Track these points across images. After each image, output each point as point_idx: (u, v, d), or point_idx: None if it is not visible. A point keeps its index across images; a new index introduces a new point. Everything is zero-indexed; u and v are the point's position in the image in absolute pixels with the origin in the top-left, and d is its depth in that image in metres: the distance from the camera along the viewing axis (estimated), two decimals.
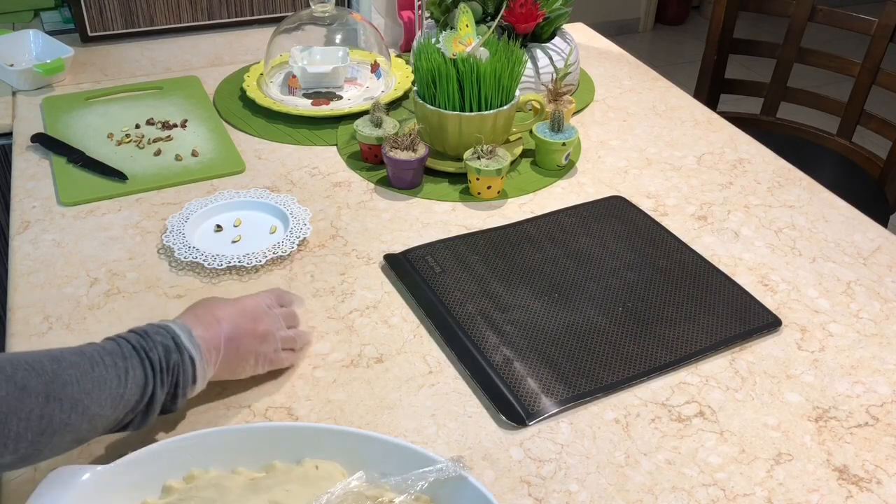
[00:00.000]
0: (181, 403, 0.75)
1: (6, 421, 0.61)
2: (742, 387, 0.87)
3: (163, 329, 0.74)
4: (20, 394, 0.62)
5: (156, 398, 0.71)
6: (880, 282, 1.02)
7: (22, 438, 0.62)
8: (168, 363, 0.72)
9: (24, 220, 1.09)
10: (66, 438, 0.66)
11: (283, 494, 0.70)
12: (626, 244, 1.07)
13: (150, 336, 0.73)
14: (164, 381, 0.72)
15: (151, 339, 0.72)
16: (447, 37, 1.15)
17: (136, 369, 0.70)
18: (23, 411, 0.62)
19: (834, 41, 2.52)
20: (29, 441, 0.62)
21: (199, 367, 0.75)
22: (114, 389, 0.68)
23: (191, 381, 0.74)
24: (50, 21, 1.64)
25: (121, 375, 0.69)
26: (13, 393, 0.62)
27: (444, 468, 0.69)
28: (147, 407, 0.71)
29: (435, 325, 0.93)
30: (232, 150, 1.26)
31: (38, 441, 0.63)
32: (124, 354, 0.70)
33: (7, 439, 0.61)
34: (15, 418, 0.61)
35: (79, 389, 0.66)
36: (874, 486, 0.76)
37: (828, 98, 1.81)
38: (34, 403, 0.62)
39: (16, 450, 0.62)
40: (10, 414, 0.61)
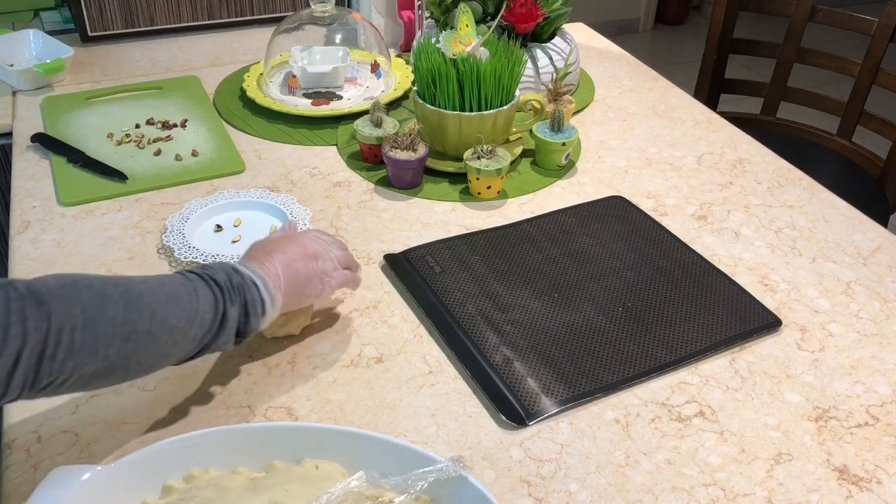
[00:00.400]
0: (255, 324, 0.76)
1: (93, 323, 0.63)
2: (742, 387, 0.87)
3: (220, 263, 0.77)
4: (101, 300, 0.64)
5: (228, 315, 0.73)
6: (880, 282, 1.02)
7: (110, 343, 0.64)
8: (232, 283, 0.75)
9: (24, 220, 1.09)
10: (150, 351, 0.68)
11: (283, 494, 0.70)
12: (626, 244, 1.07)
13: (209, 266, 0.76)
14: (233, 299, 0.74)
15: (211, 268, 0.76)
16: (447, 37, 1.15)
17: (203, 289, 0.72)
18: (107, 315, 0.64)
19: (834, 41, 2.52)
20: (117, 348, 0.65)
21: (263, 289, 0.77)
22: (187, 304, 0.70)
23: (259, 301, 0.76)
24: (50, 21, 1.64)
25: (190, 293, 0.71)
26: (94, 299, 0.64)
27: (444, 468, 0.69)
28: (221, 325, 0.73)
29: (435, 325, 0.93)
30: (232, 150, 1.26)
31: (125, 348, 0.65)
32: (188, 278, 0.73)
33: (97, 343, 0.63)
34: (101, 321, 0.63)
35: (154, 300, 0.68)
36: (874, 486, 0.76)
37: (828, 98, 1.81)
38: (116, 309, 0.65)
39: (106, 356, 0.64)
40: (97, 317, 0.63)
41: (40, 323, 0.60)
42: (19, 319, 0.59)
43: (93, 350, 0.63)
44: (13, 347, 0.58)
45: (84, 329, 0.62)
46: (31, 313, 0.60)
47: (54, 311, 0.61)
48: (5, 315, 0.59)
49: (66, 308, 0.62)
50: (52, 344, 0.61)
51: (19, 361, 0.59)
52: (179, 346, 0.71)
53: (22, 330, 0.59)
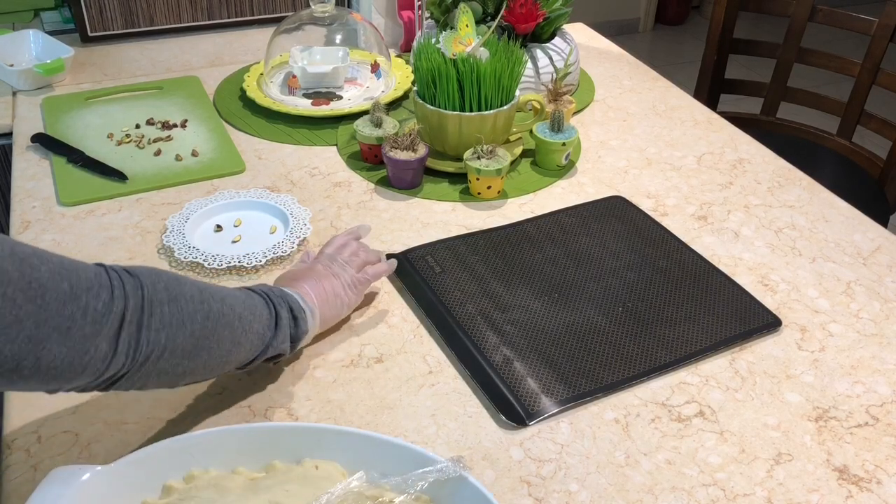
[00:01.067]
0: (304, 328, 0.81)
1: (176, 299, 0.67)
2: (742, 387, 0.87)
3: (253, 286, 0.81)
4: (178, 282, 0.69)
5: (281, 316, 0.78)
6: (880, 282, 1.02)
7: (193, 319, 0.68)
8: (275, 293, 0.79)
9: (24, 220, 1.09)
10: (226, 335, 0.71)
11: (283, 494, 0.70)
12: (626, 244, 1.07)
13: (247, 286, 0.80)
14: (281, 304, 0.78)
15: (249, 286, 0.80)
16: (447, 37, 1.15)
17: (253, 297, 0.76)
18: (186, 294, 0.68)
19: (834, 41, 2.52)
20: (200, 324, 0.68)
21: (302, 301, 0.82)
22: (245, 300, 0.75)
23: (302, 310, 0.81)
24: (50, 21, 1.64)
25: (244, 294, 0.76)
26: (172, 279, 0.68)
27: (444, 468, 0.69)
28: (276, 324, 0.77)
29: (435, 325, 0.93)
30: (232, 150, 1.26)
31: (206, 326, 0.69)
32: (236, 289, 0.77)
33: (182, 316, 0.67)
34: (182, 298, 0.67)
35: (219, 290, 0.73)
36: (874, 486, 0.76)
37: (828, 98, 1.81)
38: (192, 290, 0.69)
39: (192, 331, 0.67)
40: (178, 294, 0.67)
41: (136, 290, 0.64)
42: (120, 284, 0.63)
43: (180, 323, 0.66)
44: (118, 308, 0.62)
45: (170, 303, 0.66)
46: (128, 281, 0.64)
47: (145, 284, 0.65)
48: (108, 279, 0.62)
49: (153, 282, 0.66)
50: (147, 312, 0.64)
51: (123, 324, 0.62)
52: (248, 336, 0.73)
53: (123, 293, 0.63)
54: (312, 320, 0.83)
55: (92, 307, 0.60)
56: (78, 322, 0.59)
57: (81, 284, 0.60)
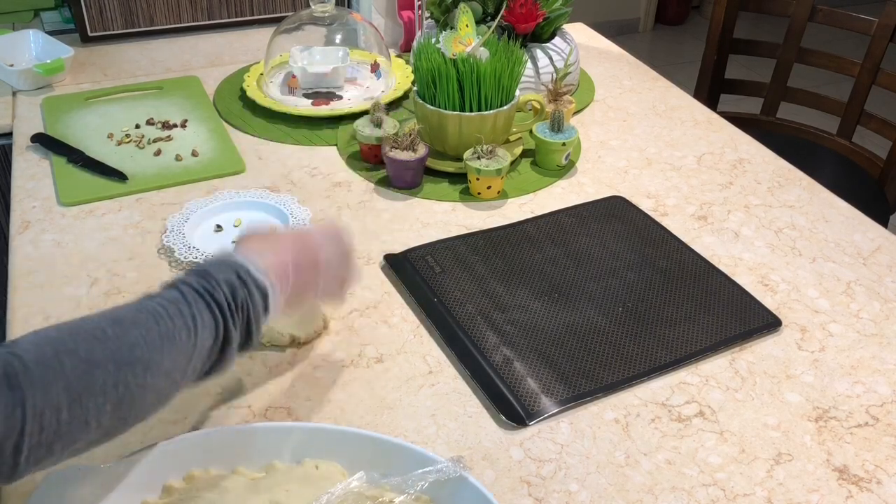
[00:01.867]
0: (258, 337, 0.70)
1: (80, 399, 0.57)
2: (742, 387, 0.87)
3: (223, 264, 0.69)
4: (88, 367, 0.58)
5: (231, 337, 0.67)
6: (880, 282, 1.02)
7: (102, 411, 0.58)
8: (236, 301, 0.68)
9: (24, 220, 1.09)
10: (147, 401, 0.62)
11: (283, 494, 0.70)
12: (626, 244, 1.07)
13: (212, 275, 0.68)
14: (236, 321, 0.68)
15: (214, 279, 0.67)
16: (447, 37, 1.15)
17: (204, 313, 0.66)
18: (96, 385, 0.58)
19: (834, 41, 2.52)
20: (109, 413, 0.59)
21: (271, 297, 0.70)
22: (184, 341, 0.64)
23: (262, 314, 0.70)
24: (50, 21, 1.64)
25: (189, 325, 0.64)
26: (80, 367, 0.58)
27: (444, 468, 0.69)
28: (222, 349, 0.67)
29: (435, 325, 0.93)
30: (232, 150, 1.26)
31: (119, 410, 0.60)
32: (188, 300, 0.65)
33: (88, 416, 0.58)
34: (88, 395, 0.58)
35: (148, 349, 0.61)
36: (874, 486, 0.76)
37: (828, 98, 1.81)
38: (105, 374, 0.59)
39: (99, 425, 0.59)
40: (83, 391, 0.57)
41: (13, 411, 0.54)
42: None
43: (83, 424, 0.58)
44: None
45: (71, 406, 0.56)
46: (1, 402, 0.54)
47: (29, 397, 0.55)
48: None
49: (45, 389, 0.55)
50: (30, 431, 0.55)
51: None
52: (178, 383, 0.65)
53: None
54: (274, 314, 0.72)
55: None
56: None
57: None
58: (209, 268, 0.69)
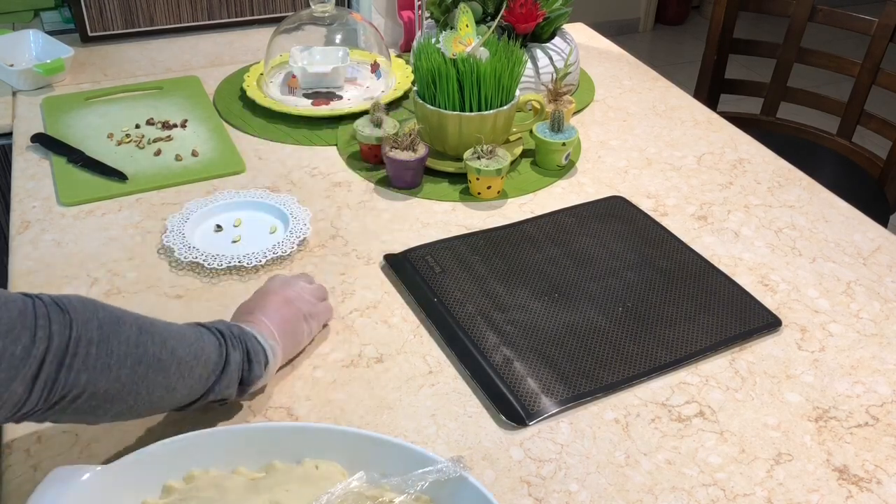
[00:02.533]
0: (259, 372, 0.77)
1: (108, 340, 0.64)
2: (742, 387, 0.87)
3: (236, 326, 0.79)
4: (116, 320, 0.65)
5: (231, 359, 0.74)
6: (880, 282, 1.02)
7: (122, 363, 0.64)
8: (233, 332, 0.76)
9: (24, 220, 1.09)
10: (158, 381, 0.68)
11: (283, 494, 0.70)
12: (626, 244, 1.07)
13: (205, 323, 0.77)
14: (235, 345, 0.75)
15: (207, 324, 0.76)
16: (447, 37, 1.15)
17: (207, 334, 0.73)
18: (121, 335, 0.65)
19: (834, 41, 2.52)
20: (129, 369, 0.65)
21: (262, 339, 0.78)
22: (193, 342, 0.71)
23: (260, 350, 0.78)
24: (50, 21, 1.64)
25: (196, 334, 0.72)
26: (109, 318, 0.65)
27: (444, 468, 0.69)
28: (224, 367, 0.73)
29: (435, 325, 0.93)
30: (232, 150, 1.26)
31: (136, 371, 0.66)
32: (190, 325, 0.74)
33: (110, 359, 0.64)
34: (115, 339, 0.64)
35: (164, 330, 0.69)
36: (874, 486, 0.76)
37: (828, 98, 1.81)
38: (130, 331, 0.66)
39: (118, 376, 0.64)
40: (111, 335, 0.64)
41: (63, 329, 0.61)
42: (45, 324, 0.60)
43: (106, 367, 0.63)
44: (39, 350, 0.59)
45: (100, 343, 0.63)
46: (56, 319, 0.61)
47: (75, 321, 0.62)
48: (33, 319, 0.60)
49: (86, 320, 0.63)
50: (70, 353, 0.61)
51: (42, 366, 0.60)
52: (186, 381, 0.70)
53: (48, 333, 0.60)
54: (273, 359, 0.80)
55: (9, 352, 0.58)
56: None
57: (1, 328, 0.58)
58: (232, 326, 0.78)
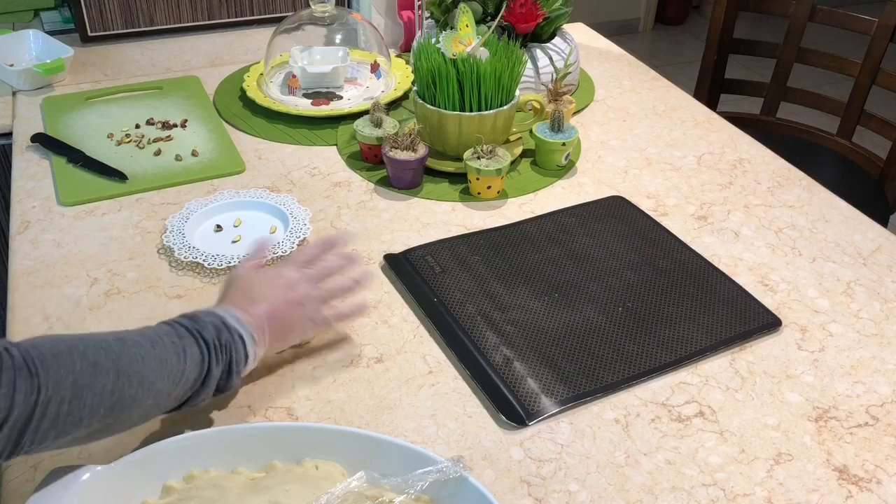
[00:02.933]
0: (236, 381, 0.77)
1: (82, 395, 0.63)
2: (742, 387, 0.87)
3: (210, 313, 0.78)
4: (93, 370, 0.65)
5: (211, 374, 0.74)
6: (880, 282, 1.02)
7: (95, 413, 0.64)
8: (220, 341, 0.75)
9: (24, 220, 1.09)
10: (132, 414, 0.68)
11: (283, 494, 0.70)
12: (626, 244, 1.07)
13: (200, 318, 0.76)
14: (219, 359, 0.75)
15: (201, 321, 0.76)
16: (447, 37, 1.15)
17: (192, 347, 0.73)
18: (97, 386, 0.64)
19: (834, 41, 2.52)
20: (101, 416, 0.65)
21: (250, 346, 0.78)
22: (175, 366, 0.71)
23: (243, 359, 0.77)
24: (50, 21, 1.64)
25: (179, 353, 0.72)
26: (87, 369, 0.64)
27: (444, 468, 0.69)
28: (203, 383, 0.74)
29: (435, 325, 0.93)
30: (232, 150, 1.26)
31: (110, 415, 0.66)
32: (179, 335, 0.73)
33: (83, 412, 0.63)
34: (90, 392, 0.64)
35: (144, 366, 0.68)
36: (874, 486, 0.76)
37: (828, 98, 1.81)
38: (106, 379, 0.65)
39: (90, 424, 0.65)
40: (85, 388, 0.64)
41: (29, 396, 0.60)
42: (9, 392, 0.59)
43: (77, 421, 0.63)
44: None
45: (72, 401, 0.62)
46: (22, 385, 0.59)
47: (44, 385, 0.61)
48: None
49: (58, 380, 0.62)
50: (37, 416, 0.60)
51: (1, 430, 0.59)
52: (161, 406, 0.71)
53: (10, 402, 0.59)
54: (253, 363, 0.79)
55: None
56: None
57: None
58: (197, 314, 0.77)
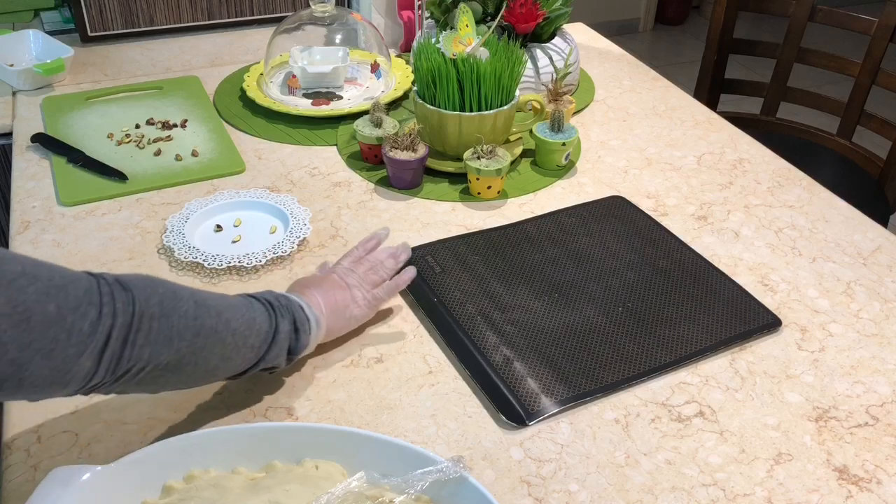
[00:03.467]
0: (305, 341, 0.80)
1: (169, 315, 0.66)
2: (742, 387, 0.87)
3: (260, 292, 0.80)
4: (174, 295, 0.68)
5: (280, 328, 0.76)
6: (880, 282, 1.02)
7: (182, 336, 0.67)
8: (280, 302, 0.79)
9: (24, 220, 1.09)
10: (215, 351, 0.70)
11: (283, 494, 0.70)
12: (626, 244, 1.07)
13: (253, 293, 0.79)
14: (284, 315, 0.77)
15: (256, 293, 0.79)
16: (447, 37, 1.15)
17: (256, 304, 0.76)
18: (180, 309, 0.67)
19: (834, 41, 2.52)
20: (188, 341, 0.68)
21: (308, 310, 0.81)
22: (245, 312, 0.74)
23: (305, 320, 0.80)
24: (50, 21, 1.64)
25: (246, 305, 0.75)
26: (168, 293, 0.68)
27: (444, 468, 0.69)
28: (274, 337, 0.76)
29: (435, 325, 0.93)
30: (232, 150, 1.26)
31: (195, 343, 0.68)
32: (240, 296, 0.77)
33: (171, 333, 0.66)
34: (175, 314, 0.67)
35: (218, 303, 0.72)
36: (874, 486, 0.76)
37: (828, 98, 1.81)
38: (187, 305, 0.68)
39: (178, 348, 0.67)
40: (171, 309, 0.67)
41: (127, 306, 0.63)
42: (111, 300, 0.62)
43: (167, 340, 0.66)
44: (105, 326, 0.62)
45: (161, 318, 0.66)
46: (120, 296, 0.63)
47: (137, 298, 0.64)
48: (98, 296, 0.62)
49: (147, 297, 0.65)
50: (134, 329, 0.64)
51: (109, 341, 0.62)
52: (241, 351, 0.73)
53: (112, 310, 0.62)
54: (317, 330, 0.82)
55: (77, 328, 0.60)
56: (62, 343, 0.59)
57: (69, 304, 0.60)
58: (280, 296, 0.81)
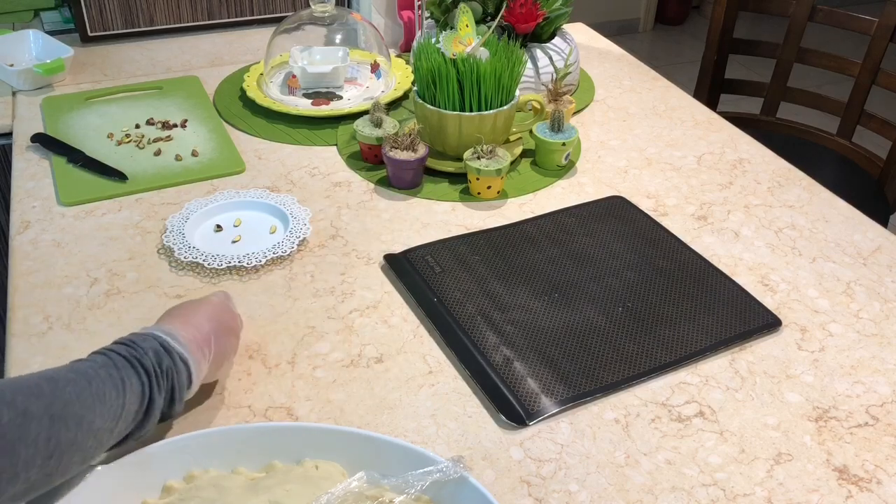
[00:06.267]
0: (179, 408, 0.74)
1: (14, 448, 0.58)
2: (742, 387, 0.87)
3: (149, 336, 0.73)
4: (23, 419, 0.60)
5: (154, 404, 0.70)
6: (880, 282, 1.02)
7: (31, 465, 0.60)
8: (161, 367, 0.71)
9: (24, 220, 1.09)
10: (73, 459, 0.64)
11: (283, 494, 0.70)
12: (626, 244, 1.07)
13: (138, 344, 0.71)
14: (161, 386, 0.71)
15: (140, 347, 0.71)
16: (447, 37, 1.15)
17: (132, 378, 0.68)
18: (29, 436, 0.59)
19: (834, 41, 2.52)
20: (38, 466, 0.60)
21: (193, 368, 0.74)
22: (114, 401, 0.66)
23: (186, 384, 0.73)
24: (50, 21, 1.64)
25: (118, 386, 0.67)
26: (16, 419, 0.59)
27: (444, 468, 0.69)
28: (146, 414, 0.70)
29: (435, 325, 0.93)
30: (232, 150, 1.26)
31: (48, 465, 0.61)
32: (117, 366, 0.68)
33: (17, 467, 0.59)
34: (22, 444, 0.59)
35: (80, 406, 0.64)
36: (874, 486, 0.76)
37: (828, 98, 1.81)
38: (39, 427, 0.60)
39: (27, 478, 0.60)
40: (17, 441, 0.59)
41: None
42: None
43: (12, 477, 0.58)
44: None
45: (2, 456, 0.58)
46: None
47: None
48: None
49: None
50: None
51: None
52: (103, 445, 0.67)
53: None
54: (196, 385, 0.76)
55: None
56: None
57: None
58: (135, 338, 0.72)
